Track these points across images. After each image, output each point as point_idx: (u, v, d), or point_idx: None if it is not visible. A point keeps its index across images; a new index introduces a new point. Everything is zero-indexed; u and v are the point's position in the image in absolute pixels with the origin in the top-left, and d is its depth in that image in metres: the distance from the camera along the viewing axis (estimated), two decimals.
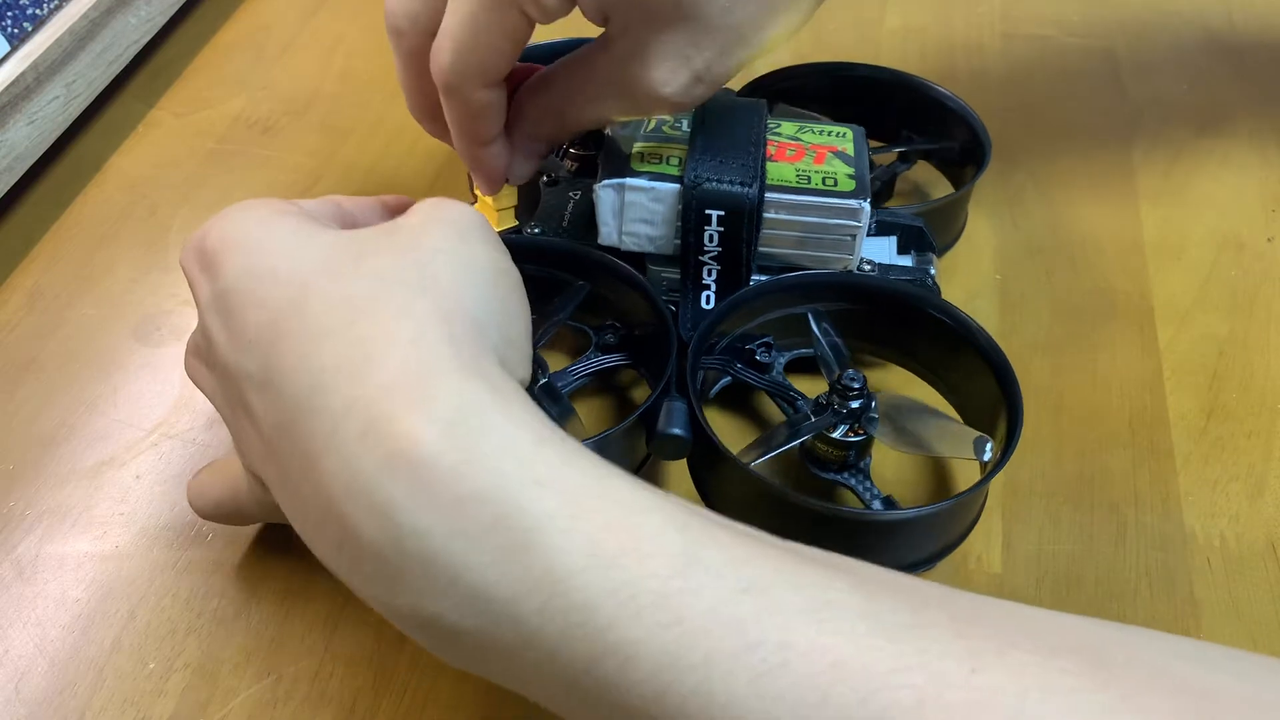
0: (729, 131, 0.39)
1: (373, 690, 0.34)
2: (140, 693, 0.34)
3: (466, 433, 0.23)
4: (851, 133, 0.41)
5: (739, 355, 0.40)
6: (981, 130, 0.47)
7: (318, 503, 0.24)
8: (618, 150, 0.39)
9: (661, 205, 0.38)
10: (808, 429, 0.36)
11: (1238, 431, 0.41)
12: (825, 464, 0.37)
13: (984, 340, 0.37)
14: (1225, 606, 0.36)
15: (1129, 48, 0.60)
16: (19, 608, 0.36)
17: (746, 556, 0.22)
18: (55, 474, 0.40)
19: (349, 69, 0.59)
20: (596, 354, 0.41)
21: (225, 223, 0.29)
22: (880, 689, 0.20)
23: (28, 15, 0.50)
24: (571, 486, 0.23)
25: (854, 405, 0.36)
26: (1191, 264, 0.48)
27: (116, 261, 0.48)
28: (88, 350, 0.44)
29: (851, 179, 0.38)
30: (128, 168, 0.53)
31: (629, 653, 0.21)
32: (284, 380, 0.25)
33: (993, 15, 0.62)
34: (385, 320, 0.25)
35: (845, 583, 0.22)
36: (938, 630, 0.21)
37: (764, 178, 0.38)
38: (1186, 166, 0.53)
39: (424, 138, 0.40)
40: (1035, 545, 0.37)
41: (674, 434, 0.34)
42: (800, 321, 0.40)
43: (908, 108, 0.49)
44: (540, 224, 0.42)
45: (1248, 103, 0.56)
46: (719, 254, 0.38)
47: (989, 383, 0.37)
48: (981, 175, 0.45)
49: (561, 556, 0.22)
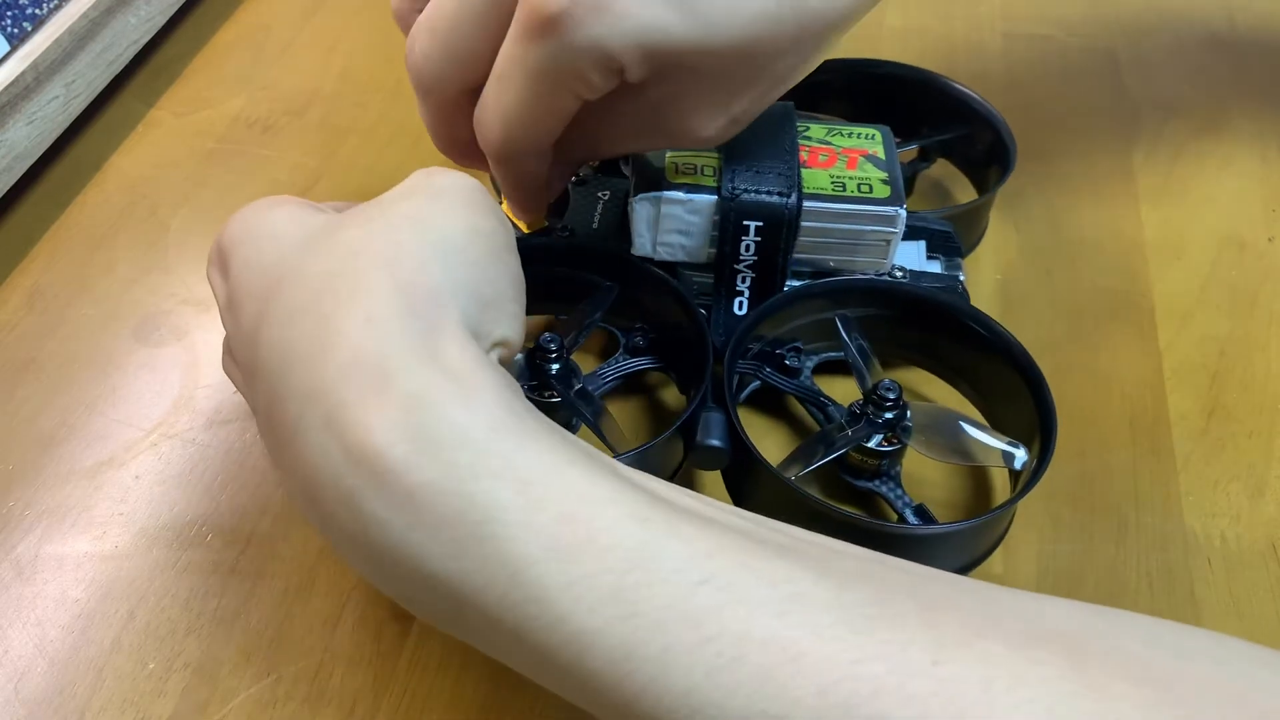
0: (764, 139, 0.38)
1: (373, 690, 0.34)
2: (140, 693, 0.34)
3: (419, 423, 0.23)
4: (880, 134, 0.41)
5: (768, 360, 0.40)
6: (1007, 133, 0.46)
7: (303, 488, 0.25)
8: (650, 162, 0.39)
9: (698, 217, 0.38)
10: (844, 442, 0.36)
11: (1238, 431, 0.41)
12: (858, 472, 0.37)
13: (1019, 352, 0.37)
14: (1225, 606, 0.36)
15: (1129, 48, 0.60)
16: (18, 608, 0.36)
17: (709, 550, 0.22)
18: (55, 474, 0.40)
19: (349, 69, 0.59)
20: (625, 356, 0.40)
21: (233, 222, 0.30)
22: (840, 680, 0.20)
23: (27, 15, 0.50)
24: (527, 477, 0.23)
25: (889, 415, 0.36)
26: (1192, 264, 0.48)
27: (116, 261, 0.48)
28: (87, 350, 0.44)
29: (886, 184, 0.38)
30: (128, 168, 0.53)
31: (586, 643, 0.22)
32: (263, 365, 0.25)
33: (993, 15, 0.62)
34: (344, 298, 0.25)
35: (813, 574, 0.22)
36: (905, 620, 0.21)
37: (801, 187, 0.37)
38: (1186, 166, 0.53)
39: (424, 138, 0.39)
40: (1036, 545, 0.37)
41: (713, 445, 0.34)
42: (827, 325, 0.39)
43: (931, 107, 0.49)
44: (570, 225, 0.42)
45: (1248, 103, 0.56)
46: (754, 262, 0.38)
47: (1021, 393, 0.36)
48: (1008, 179, 0.45)
49: (517, 547, 0.22)
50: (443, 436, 0.23)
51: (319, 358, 0.24)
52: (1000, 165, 0.46)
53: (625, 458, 0.34)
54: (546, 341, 0.37)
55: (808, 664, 0.20)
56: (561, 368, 0.37)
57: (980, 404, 0.40)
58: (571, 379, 0.37)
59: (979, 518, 0.33)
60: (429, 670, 0.34)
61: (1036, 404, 0.36)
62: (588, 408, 0.37)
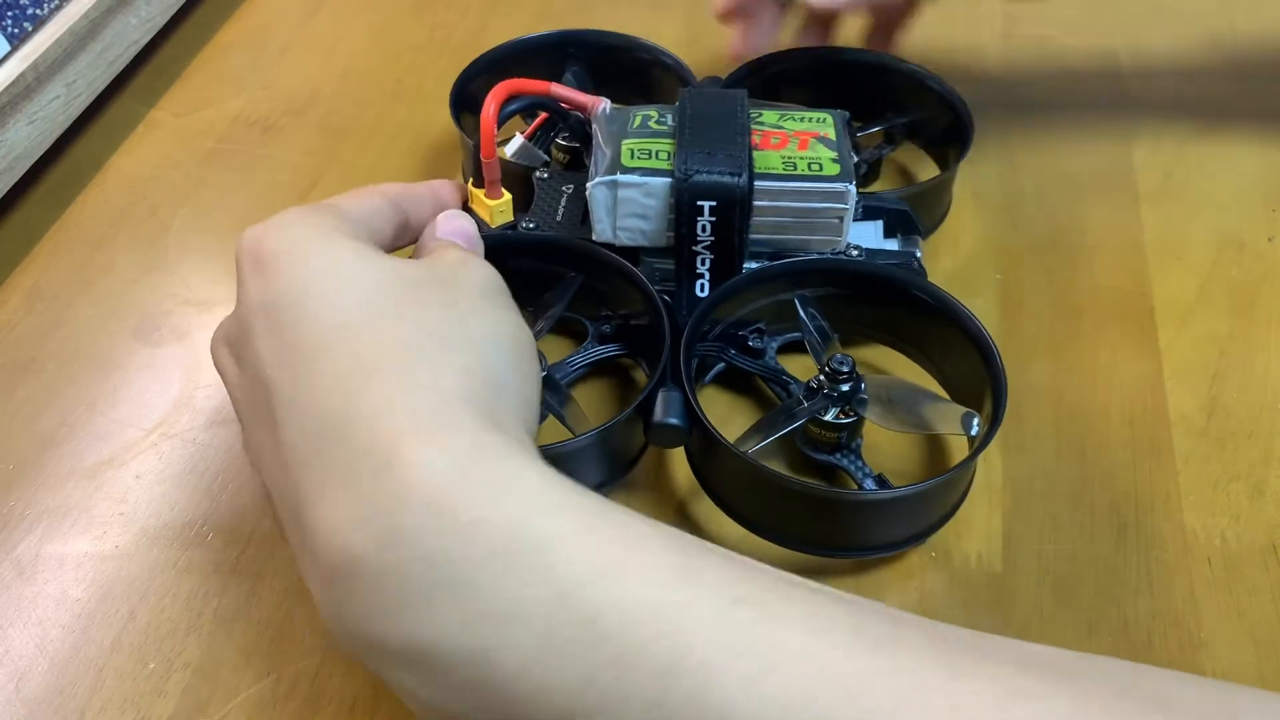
0: (715, 123, 0.40)
1: (373, 690, 0.34)
2: (140, 693, 0.34)
3: (480, 466, 0.24)
4: (832, 118, 0.42)
5: (733, 341, 0.41)
6: (963, 108, 0.47)
7: (323, 526, 0.25)
8: (606, 148, 0.40)
9: (654, 199, 0.39)
10: (801, 414, 0.37)
11: (1238, 431, 0.41)
12: (818, 445, 0.38)
13: (966, 318, 0.38)
14: (1225, 606, 0.36)
15: (1129, 48, 0.60)
16: (19, 608, 0.36)
17: (740, 576, 0.24)
18: (55, 474, 0.40)
19: (349, 69, 0.59)
20: (594, 344, 0.41)
21: (287, 230, 0.30)
22: (864, 691, 0.22)
23: (28, 15, 0.50)
24: (580, 512, 0.24)
25: (844, 388, 0.37)
26: (1192, 263, 0.48)
27: (116, 261, 0.48)
28: (88, 350, 0.44)
29: (836, 163, 0.39)
30: (128, 168, 0.53)
31: (630, 660, 0.22)
32: (314, 403, 0.26)
33: (993, 15, 0.62)
34: (417, 369, 0.26)
35: (830, 600, 0.24)
36: (918, 644, 0.23)
37: (752, 166, 0.38)
38: (1186, 166, 0.53)
39: (424, 137, 0.40)
40: (1035, 545, 0.37)
41: (670, 423, 0.35)
42: (789, 307, 0.41)
43: (890, 89, 0.50)
44: (535, 219, 0.42)
45: (1248, 103, 0.56)
46: (712, 243, 0.39)
47: (974, 360, 0.38)
48: (966, 155, 0.46)
49: (569, 569, 0.23)
50: (504, 478, 0.24)
51: (383, 416, 0.25)
52: (959, 143, 0.47)
53: (585, 437, 0.35)
54: None
55: (833, 675, 0.22)
56: None
57: (936, 374, 0.41)
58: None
59: (932, 480, 0.34)
60: None
61: (987, 368, 0.37)
62: (552, 395, 0.38)
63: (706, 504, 0.37)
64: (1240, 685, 0.24)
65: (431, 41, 0.61)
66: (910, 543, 0.36)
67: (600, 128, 0.41)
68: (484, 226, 0.41)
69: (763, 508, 0.36)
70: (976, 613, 0.36)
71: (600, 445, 0.36)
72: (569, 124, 0.44)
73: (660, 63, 0.51)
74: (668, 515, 0.38)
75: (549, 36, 0.51)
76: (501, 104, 0.40)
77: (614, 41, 0.51)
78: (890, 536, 0.36)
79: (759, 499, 0.36)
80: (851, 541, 0.36)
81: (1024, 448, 0.40)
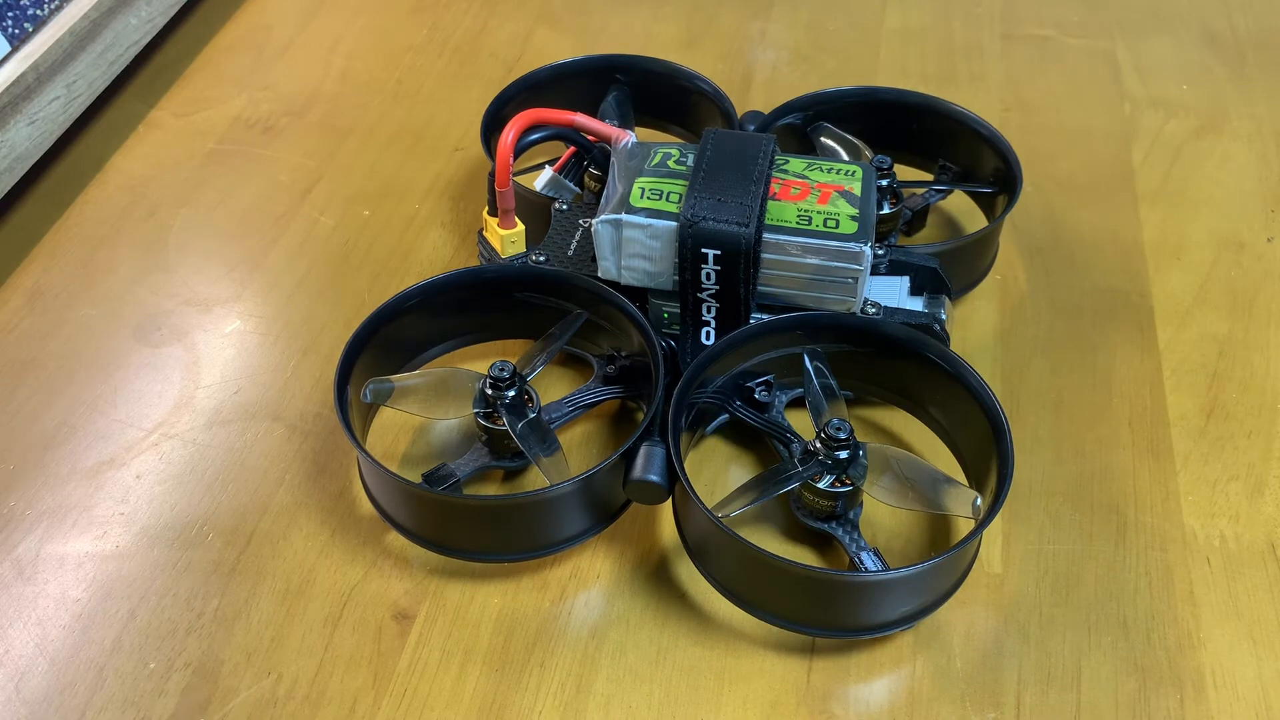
0: (732, 168, 0.38)
1: (373, 690, 0.34)
2: (140, 692, 0.34)
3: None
4: (861, 171, 0.40)
5: (739, 393, 0.39)
6: (1013, 158, 0.45)
7: None
8: (619, 184, 0.39)
9: (659, 242, 0.38)
10: (793, 478, 0.35)
11: (1238, 431, 0.41)
12: (812, 512, 0.36)
13: (980, 390, 0.36)
14: (1225, 606, 0.36)
15: (1129, 48, 0.60)
16: (19, 608, 0.36)
17: None
18: (55, 474, 0.40)
19: (349, 69, 0.60)
20: (597, 385, 0.40)
21: None
22: None
23: (28, 16, 0.50)
24: None
25: (841, 455, 0.35)
26: (1191, 264, 0.48)
27: (116, 261, 0.48)
28: (88, 350, 0.44)
29: (854, 220, 0.38)
30: (128, 168, 0.53)
31: None
32: None
33: (993, 15, 0.62)
34: None
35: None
36: None
37: (763, 217, 0.37)
38: (1186, 166, 0.53)
39: (424, 137, 0.40)
40: (1035, 545, 0.38)
41: (650, 480, 0.34)
42: (800, 361, 0.39)
43: (939, 132, 0.48)
44: (545, 252, 0.41)
45: (1248, 103, 0.56)
46: (717, 291, 0.38)
47: (984, 433, 0.36)
48: (1013, 208, 0.44)
49: None
50: None
51: None
52: (1006, 192, 0.45)
53: (564, 486, 0.34)
54: (498, 370, 0.36)
55: None
56: (515, 396, 0.36)
57: (949, 443, 0.39)
58: (525, 409, 0.37)
59: (926, 562, 0.32)
60: (429, 670, 0.34)
61: (995, 445, 0.35)
62: (537, 442, 0.36)
63: (689, 564, 0.36)
64: None
65: (431, 42, 0.61)
66: (899, 625, 0.34)
67: (619, 162, 0.40)
68: (495, 256, 0.41)
69: (743, 580, 0.34)
70: (977, 612, 0.36)
71: (580, 495, 0.34)
72: (593, 155, 0.43)
73: (699, 89, 0.49)
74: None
75: (592, 60, 0.51)
76: (521, 133, 0.39)
77: (656, 68, 0.50)
78: (880, 618, 0.33)
79: (738, 569, 0.34)
80: (834, 622, 0.33)
81: (1024, 448, 0.40)
